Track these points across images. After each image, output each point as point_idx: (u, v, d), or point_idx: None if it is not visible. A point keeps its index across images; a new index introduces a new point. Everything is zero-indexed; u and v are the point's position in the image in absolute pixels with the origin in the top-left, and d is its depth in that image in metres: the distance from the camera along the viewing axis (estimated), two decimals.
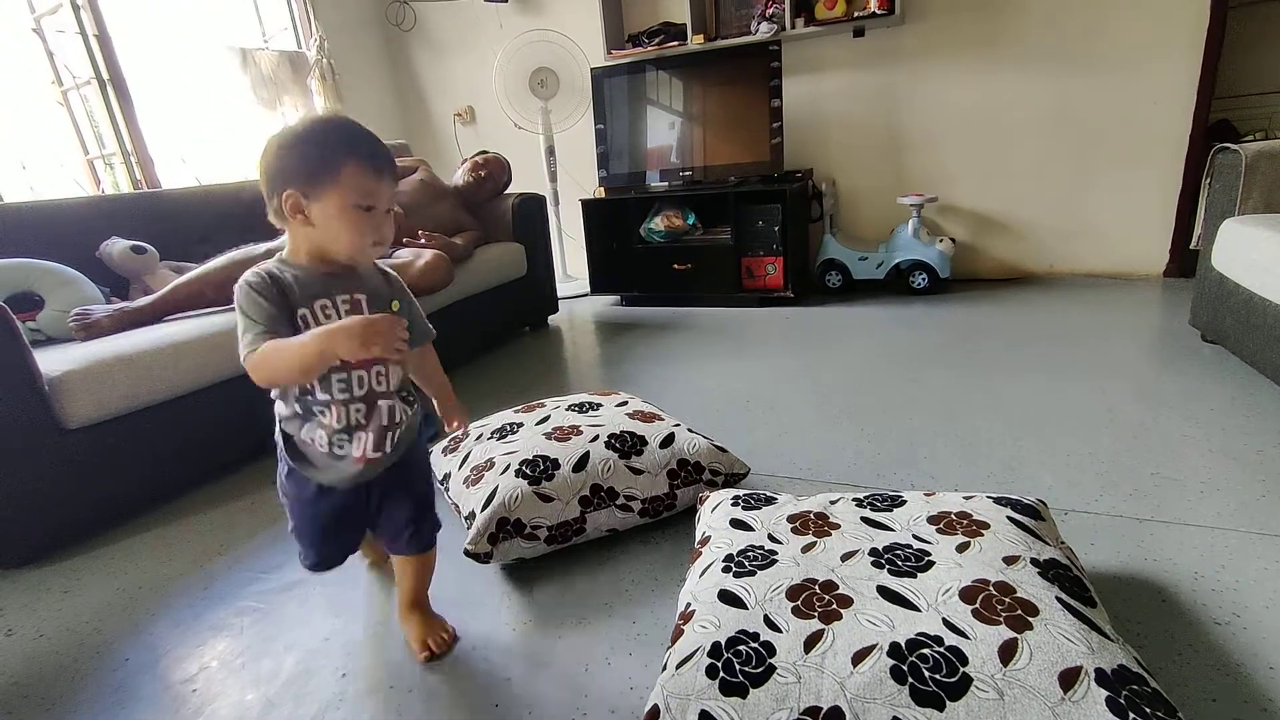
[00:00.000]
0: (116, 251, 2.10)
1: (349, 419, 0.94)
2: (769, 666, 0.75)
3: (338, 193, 0.85)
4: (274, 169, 0.86)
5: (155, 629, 1.16)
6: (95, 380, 1.44)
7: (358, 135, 0.88)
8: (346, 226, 0.87)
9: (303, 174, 0.85)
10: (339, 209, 0.86)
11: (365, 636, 1.09)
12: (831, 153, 3.26)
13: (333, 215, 0.86)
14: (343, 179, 0.85)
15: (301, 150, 0.86)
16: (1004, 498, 1.02)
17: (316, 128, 0.88)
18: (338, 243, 0.89)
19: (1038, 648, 0.72)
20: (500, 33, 3.65)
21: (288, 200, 0.86)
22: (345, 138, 0.88)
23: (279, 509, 1.53)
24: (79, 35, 2.65)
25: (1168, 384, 1.80)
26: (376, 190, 0.88)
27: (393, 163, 0.91)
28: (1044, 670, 0.70)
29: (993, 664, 0.71)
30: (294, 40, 3.53)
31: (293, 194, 0.85)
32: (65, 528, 1.45)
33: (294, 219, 0.87)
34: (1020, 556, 0.87)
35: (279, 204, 0.87)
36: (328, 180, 0.85)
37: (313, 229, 0.88)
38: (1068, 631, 0.73)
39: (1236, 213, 1.83)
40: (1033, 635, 0.73)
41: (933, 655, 0.73)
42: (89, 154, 2.89)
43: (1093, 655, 0.71)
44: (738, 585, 0.89)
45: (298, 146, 0.86)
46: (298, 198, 0.86)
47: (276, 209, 0.88)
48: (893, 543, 0.94)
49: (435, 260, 2.15)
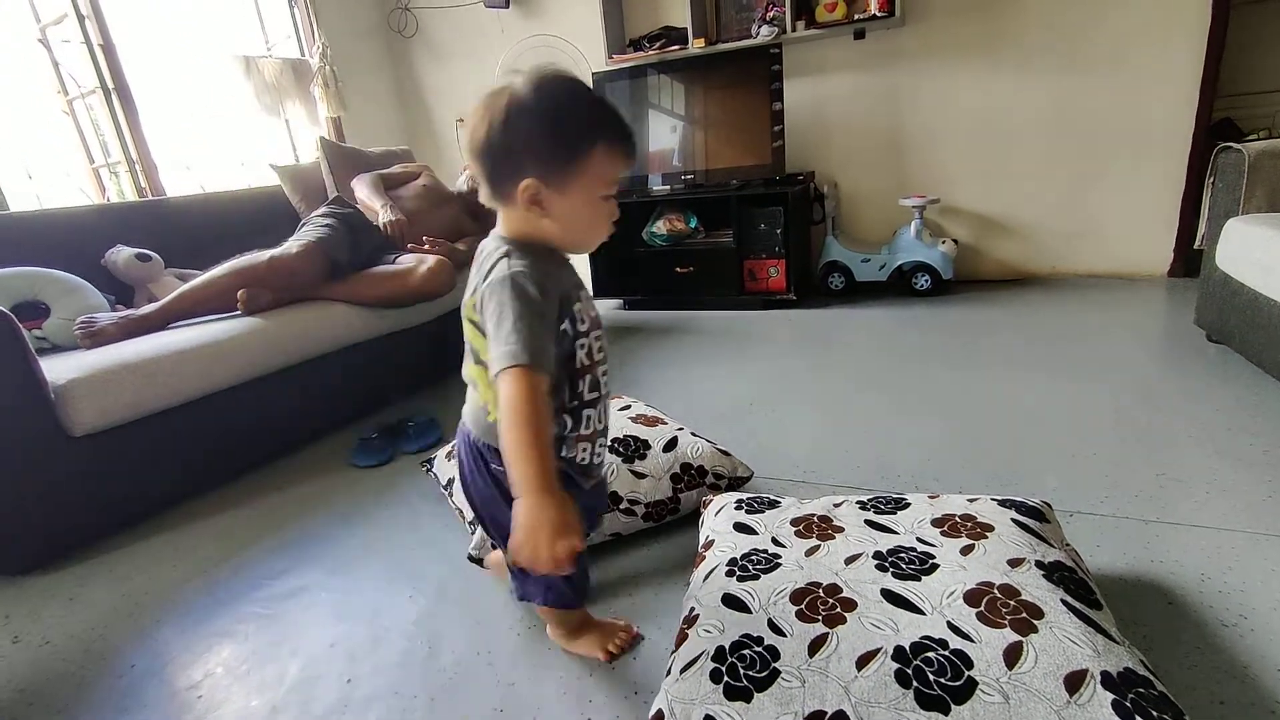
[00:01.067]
0: (121, 259, 2.12)
1: (598, 422, 0.85)
2: (773, 670, 0.75)
3: (585, 182, 0.74)
4: (509, 144, 0.72)
5: (161, 635, 1.16)
6: (100, 388, 1.45)
7: (606, 109, 0.75)
8: (591, 220, 0.76)
9: (546, 158, 0.72)
10: (586, 201, 0.75)
11: (370, 642, 1.09)
12: (833, 155, 3.26)
13: (577, 207, 0.74)
14: (592, 166, 0.73)
15: (546, 127, 0.72)
16: (1008, 500, 1.02)
17: (562, 98, 0.73)
18: (576, 236, 0.77)
19: (1043, 651, 0.71)
20: (502, 38, 3.66)
21: (526, 192, 0.73)
22: (595, 113, 0.74)
23: (284, 515, 1.55)
24: (84, 45, 2.67)
25: (1173, 384, 1.79)
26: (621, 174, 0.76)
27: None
28: (1049, 673, 0.69)
29: (998, 667, 0.71)
30: (297, 48, 3.55)
31: (533, 184, 0.73)
32: (71, 534, 1.46)
33: (530, 210, 0.74)
34: (1025, 559, 0.86)
35: (512, 191, 0.74)
36: (575, 168, 0.73)
37: (549, 222, 0.75)
38: (1073, 634, 0.73)
39: (1240, 212, 1.82)
40: (1038, 638, 0.73)
41: (937, 659, 0.73)
42: (94, 162, 2.91)
43: (1098, 658, 0.70)
44: (741, 589, 0.89)
45: (542, 121, 0.72)
46: (538, 188, 0.73)
47: (505, 194, 0.75)
48: (896, 545, 0.93)
49: (438, 266, 2.15)
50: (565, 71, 0.76)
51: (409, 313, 2.20)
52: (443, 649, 1.05)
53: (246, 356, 1.74)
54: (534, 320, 0.70)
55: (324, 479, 1.72)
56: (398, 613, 1.15)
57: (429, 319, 2.29)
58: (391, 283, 2.11)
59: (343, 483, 1.68)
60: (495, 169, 0.74)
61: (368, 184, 2.54)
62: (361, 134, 3.76)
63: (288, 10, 3.52)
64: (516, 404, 0.68)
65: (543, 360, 0.70)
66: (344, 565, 1.32)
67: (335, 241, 2.07)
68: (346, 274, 2.10)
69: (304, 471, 1.78)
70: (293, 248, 1.99)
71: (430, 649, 1.05)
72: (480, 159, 0.74)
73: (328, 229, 2.08)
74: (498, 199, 0.76)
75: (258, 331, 1.79)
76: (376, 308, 2.10)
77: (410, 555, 1.32)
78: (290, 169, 2.76)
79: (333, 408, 2.03)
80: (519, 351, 0.68)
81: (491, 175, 0.75)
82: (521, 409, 0.68)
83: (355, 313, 2.05)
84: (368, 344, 2.09)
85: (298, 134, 3.58)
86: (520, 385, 0.68)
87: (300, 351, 1.89)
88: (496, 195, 0.76)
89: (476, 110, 0.74)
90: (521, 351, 0.68)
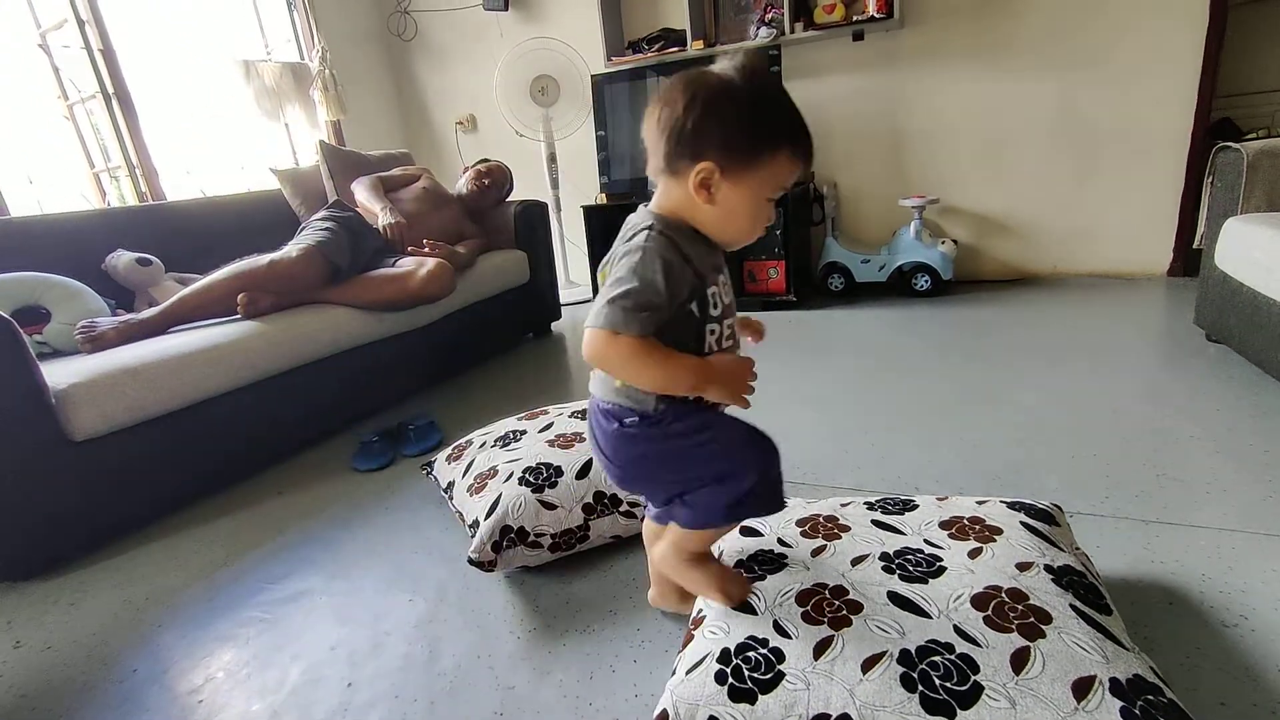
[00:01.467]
0: (122, 264, 2.12)
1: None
2: (778, 673, 0.75)
3: (757, 181, 0.75)
4: (698, 128, 0.73)
5: (162, 640, 1.16)
6: (101, 392, 1.45)
7: (796, 116, 0.76)
8: (751, 216, 0.77)
9: (732, 148, 0.73)
10: (753, 197, 0.76)
11: (371, 646, 1.09)
12: (833, 156, 3.26)
13: (743, 201, 0.75)
14: (772, 166, 0.74)
15: (744, 118, 0.73)
16: (1018, 502, 1.01)
17: (759, 96, 0.74)
18: (730, 230, 0.78)
19: (1051, 656, 0.71)
20: (501, 41, 3.67)
21: (700, 174, 0.74)
22: (785, 118, 0.75)
23: (284, 519, 1.55)
24: (84, 50, 2.68)
25: (1173, 384, 1.79)
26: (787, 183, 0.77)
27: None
28: (1057, 679, 0.69)
29: (1005, 672, 0.70)
30: (296, 51, 3.56)
31: (710, 169, 0.73)
32: (72, 540, 1.46)
33: (698, 192, 0.75)
34: (1034, 563, 0.86)
35: (685, 169, 0.74)
36: (754, 165, 0.74)
37: (710, 208, 0.76)
38: (1082, 640, 0.73)
39: (1239, 211, 1.82)
40: (1045, 643, 0.72)
41: (943, 663, 0.72)
42: (95, 167, 2.92)
43: (1107, 664, 0.70)
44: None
45: (740, 111, 0.73)
46: (713, 173, 0.74)
47: (677, 172, 0.76)
48: (904, 547, 0.93)
49: (438, 269, 2.16)
50: (771, 69, 0.79)
51: (409, 316, 2.20)
52: (443, 653, 1.05)
53: (247, 360, 1.74)
54: (646, 297, 0.72)
55: (324, 483, 1.72)
56: (398, 616, 1.15)
57: (429, 322, 2.29)
58: (391, 286, 2.12)
59: (343, 486, 1.68)
60: (678, 144, 0.74)
61: (367, 187, 2.54)
62: (361, 137, 3.76)
63: (287, 14, 3.52)
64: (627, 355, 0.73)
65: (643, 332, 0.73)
66: (344, 569, 1.32)
67: (335, 245, 2.07)
68: (346, 277, 2.10)
69: (304, 475, 1.79)
70: (293, 251, 2.00)
71: (431, 653, 1.05)
72: (665, 131, 0.75)
73: (328, 232, 2.09)
74: (666, 172, 0.77)
75: (258, 335, 1.79)
76: (376, 311, 2.11)
77: (411, 559, 1.32)
78: (290, 172, 2.76)
79: (333, 411, 2.03)
80: (619, 322, 0.71)
81: (671, 149, 0.75)
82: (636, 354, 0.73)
83: (355, 316, 2.05)
84: (368, 347, 2.09)
85: (297, 138, 3.59)
86: (617, 344, 0.72)
87: (300, 355, 1.89)
88: (667, 169, 0.77)
89: (676, 84, 0.75)
90: (623, 322, 0.71)
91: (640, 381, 0.77)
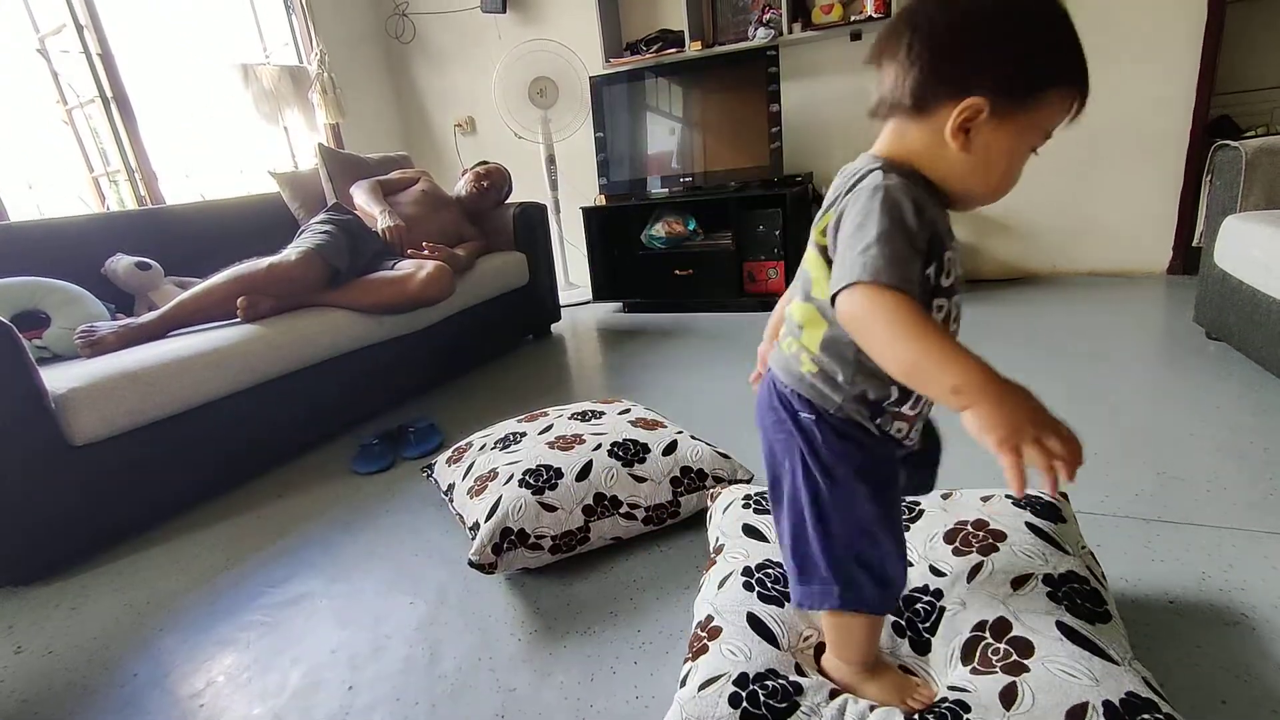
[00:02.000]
0: (121, 268, 2.12)
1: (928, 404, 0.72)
2: (793, 703, 0.75)
3: (1029, 124, 0.60)
4: (970, 55, 0.58)
5: (163, 644, 1.16)
6: (101, 397, 1.45)
7: (1079, 44, 0.59)
8: (1008, 170, 0.62)
9: (1007, 84, 0.58)
10: (1017, 146, 0.61)
11: (371, 649, 1.09)
12: (832, 156, 3.26)
13: (1006, 150, 0.61)
14: (1046, 107, 0.60)
15: (1023, 47, 0.58)
16: (1027, 496, 0.99)
17: (1052, 17, 0.59)
18: (979, 184, 0.63)
19: (1039, 689, 0.70)
20: (499, 43, 3.67)
21: (964, 112, 0.59)
22: (1077, 46, 0.59)
23: (285, 522, 1.55)
24: (83, 55, 2.68)
25: (1172, 382, 1.79)
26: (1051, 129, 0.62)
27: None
28: (1049, 711, 0.68)
29: (995, 712, 0.70)
30: (295, 55, 3.56)
31: (978, 106, 0.58)
32: (73, 544, 1.46)
33: (955, 137, 0.60)
34: (1032, 574, 0.85)
35: (938, 105, 0.60)
36: (1030, 104, 0.59)
37: (963, 156, 0.61)
38: (1066, 666, 0.72)
39: (1238, 209, 1.82)
40: (1031, 677, 0.72)
41: (938, 713, 0.72)
42: (94, 171, 2.92)
43: (1097, 686, 0.69)
44: (767, 613, 0.87)
45: (1020, 37, 0.58)
46: (980, 111, 0.58)
47: (926, 110, 0.61)
48: (911, 592, 0.90)
49: (437, 271, 2.16)
50: None
51: (408, 318, 2.21)
52: (444, 655, 1.05)
53: (246, 364, 1.74)
54: (901, 242, 0.57)
55: (325, 486, 1.72)
56: (399, 619, 1.15)
57: (429, 324, 2.29)
58: (391, 289, 2.12)
59: (344, 489, 1.69)
60: (936, 72, 0.59)
61: (366, 190, 2.54)
62: (360, 140, 3.77)
63: (285, 17, 3.53)
64: (892, 314, 0.56)
65: (909, 287, 0.56)
66: (345, 572, 1.32)
67: (334, 248, 2.07)
68: (346, 280, 2.10)
69: (305, 478, 1.79)
70: (292, 255, 2.00)
71: (431, 655, 1.05)
72: (917, 59, 0.59)
73: (327, 235, 2.09)
74: (909, 110, 0.62)
75: (257, 339, 1.80)
76: (376, 314, 2.11)
77: (411, 561, 1.32)
78: (289, 176, 2.77)
79: (333, 414, 2.03)
80: (882, 268, 0.55)
81: (925, 81, 0.60)
82: (901, 315, 0.55)
83: (355, 319, 2.05)
84: (367, 350, 2.10)
85: (296, 141, 3.59)
86: (884, 297, 0.56)
87: (300, 358, 1.89)
88: (913, 106, 0.61)
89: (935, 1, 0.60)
90: (885, 268, 0.55)
91: (892, 355, 0.58)
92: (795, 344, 0.71)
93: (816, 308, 0.68)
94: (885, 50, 0.63)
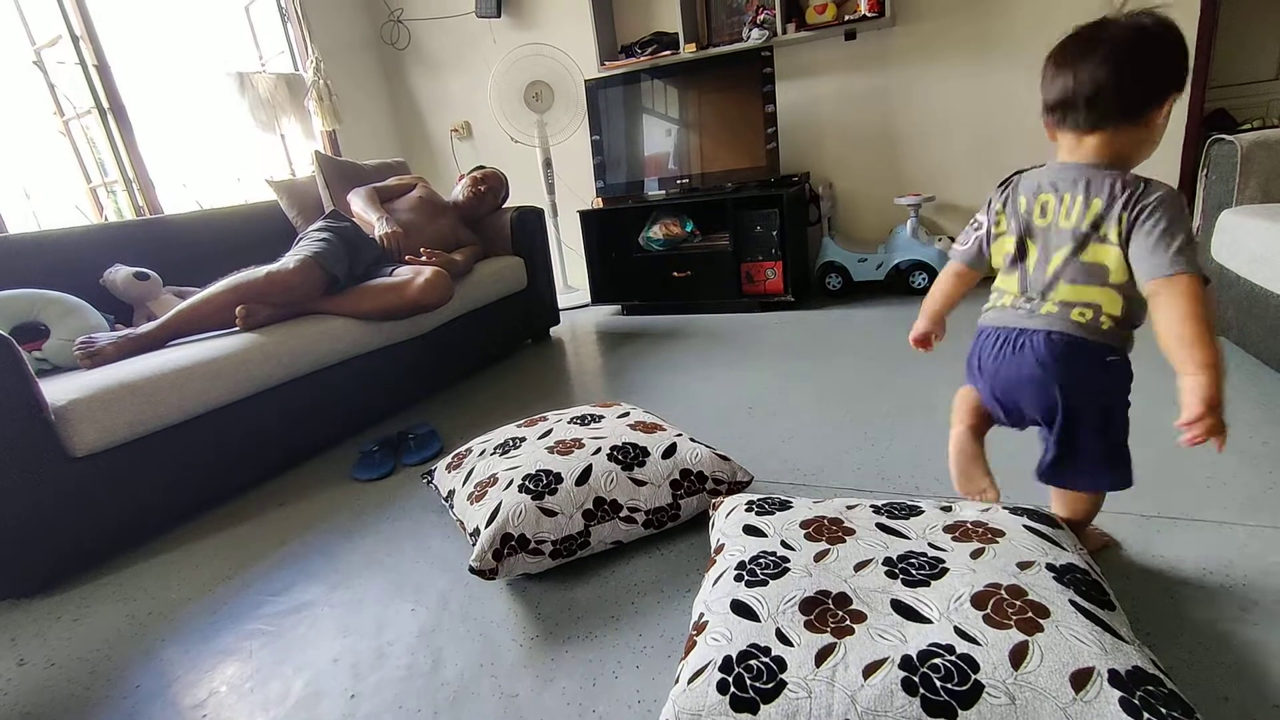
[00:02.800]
0: (120, 278, 2.12)
1: None
2: (780, 681, 0.75)
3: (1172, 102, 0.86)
4: (1175, 69, 0.85)
5: (165, 655, 1.17)
6: (101, 408, 1.45)
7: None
8: (1159, 137, 0.88)
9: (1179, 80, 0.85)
10: (1165, 119, 0.86)
11: (374, 656, 1.09)
12: (828, 156, 3.27)
13: (1162, 125, 0.87)
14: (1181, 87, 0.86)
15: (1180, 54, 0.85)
16: (1019, 508, 1.01)
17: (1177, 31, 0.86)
18: (1145, 153, 0.90)
19: (1049, 649, 0.71)
20: (494, 48, 3.68)
21: (1169, 105, 0.85)
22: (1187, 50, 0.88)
23: (285, 531, 1.55)
24: (79, 66, 2.69)
25: (1170, 377, 1.78)
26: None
27: None
28: (1055, 671, 0.69)
29: (1004, 669, 0.70)
30: (291, 63, 3.56)
31: (1174, 100, 0.85)
32: (74, 556, 1.46)
33: (1159, 125, 0.86)
34: (1035, 561, 0.86)
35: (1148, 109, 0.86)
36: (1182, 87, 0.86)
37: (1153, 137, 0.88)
38: (1080, 633, 0.73)
39: (1234, 203, 1.82)
40: (1043, 637, 0.73)
41: (944, 664, 0.72)
42: (91, 182, 2.93)
43: (1106, 656, 0.70)
44: (750, 595, 0.88)
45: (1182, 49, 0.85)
46: (1173, 104, 0.85)
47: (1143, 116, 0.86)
48: (907, 551, 0.93)
49: (435, 277, 2.16)
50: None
51: (407, 324, 2.21)
52: (446, 662, 1.05)
53: (246, 372, 1.74)
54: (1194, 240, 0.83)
55: (325, 493, 1.72)
56: (401, 626, 1.15)
57: (427, 330, 2.30)
58: (389, 295, 2.12)
59: (344, 497, 1.69)
60: (1152, 90, 0.85)
61: (363, 197, 2.55)
62: (356, 147, 3.77)
63: (281, 26, 3.53)
64: (1204, 301, 0.80)
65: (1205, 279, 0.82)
66: (346, 580, 1.32)
67: (332, 255, 2.08)
68: (344, 287, 2.11)
69: (305, 486, 1.79)
70: (290, 262, 2.00)
71: (433, 662, 1.06)
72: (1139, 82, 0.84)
73: (324, 243, 2.09)
74: (1128, 121, 0.87)
75: (256, 347, 1.80)
76: (374, 320, 2.11)
77: (412, 568, 1.32)
78: (286, 184, 2.77)
79: (332, 421, 2.03)
80: (1198, 266, 0.81)
81: (1146, 95, 0.85)
82: (1208, 304, 0.80)
83: (353, 326, 2.06)
84: (366, 357, 2.10)
85: (293, 149, 3.60)
86: (1200, 288, 0.80)
87: (299, 366, 1.89)
88: (1138, 116, 0.86)
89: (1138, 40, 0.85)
90: (1199, 267, 0.81)
91: (1193, 329, 0.81)
92: (1090, 312, 0.91)
93: (1114, 288, 0.90)
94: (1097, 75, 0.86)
